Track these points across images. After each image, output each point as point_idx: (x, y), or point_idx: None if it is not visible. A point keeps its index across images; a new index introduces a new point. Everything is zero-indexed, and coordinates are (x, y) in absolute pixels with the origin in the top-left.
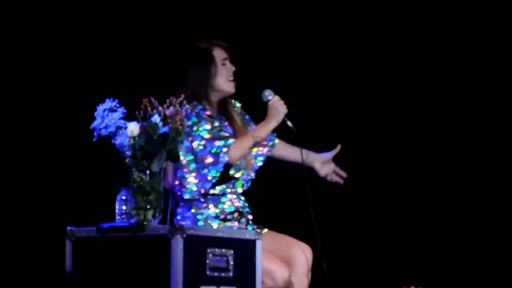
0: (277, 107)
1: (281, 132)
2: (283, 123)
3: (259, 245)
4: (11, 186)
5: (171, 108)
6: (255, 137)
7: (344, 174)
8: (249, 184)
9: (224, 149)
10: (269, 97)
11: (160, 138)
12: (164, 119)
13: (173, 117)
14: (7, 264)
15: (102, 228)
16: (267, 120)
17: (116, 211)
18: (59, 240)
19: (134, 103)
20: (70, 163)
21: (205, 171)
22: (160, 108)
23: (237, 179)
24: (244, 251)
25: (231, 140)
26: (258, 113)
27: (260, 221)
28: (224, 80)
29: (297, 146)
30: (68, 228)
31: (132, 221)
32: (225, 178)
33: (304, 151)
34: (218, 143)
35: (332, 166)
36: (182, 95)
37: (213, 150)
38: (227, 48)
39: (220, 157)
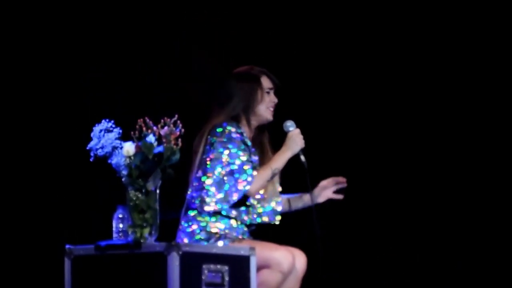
0: (296, 140)
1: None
2: (296, 156)
3: (253, 261)
4: (11, 206)
5: (165, 128)
6: (273, 169)
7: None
8: (257, 220)
9: (248, 180)
10: (290, 128)
11: (155, 158)
12: (159, 139)
13: (167, 136)
14: (8, 283)
15: (100, 246)
16: (283, 150)
17: (113, 229)
18: (58, 258)
19: (130, 123)
20: (68, 183)
21: (227, 195)
22: (154, 128)
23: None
24: (239, 267)
25: (254, 172)
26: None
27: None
28: (264, 107)
29: (306, 189)
30: (67, 246)
31: (129, 239)
32: (240, 204)
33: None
34: (244, 173)
35: (328, 191)
36: (176, 116)
37: (239, 179)
38: (274, 79)
39: (243, 188)
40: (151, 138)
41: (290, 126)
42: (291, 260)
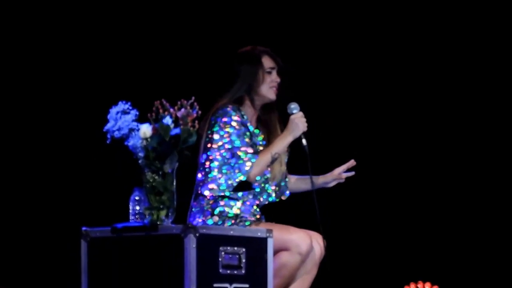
0: (298, 123)
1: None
2: (298, 140)
3: (270, 243)
4: (28, 189)
5: (182, 110)
6: (273, 154)
7: (350, 168)
8: (269, 199)
9: (248, 164)
10: (294, 111)
11: (172, 140)
12: (176, 121)
13: (184, 118)
14: (25, 264)
15: (116, 228)
16: (284, 134)
17: (130, 211)
18: (74, 240)
19: (146, 105)
20: (84, 165)
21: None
22: (171, 110)
23: (255, 190)
24: (256, 249)
25: (254, 157)
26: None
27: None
28: (266, 87)
29: (307, 173)
30: (83, 228)
31: (145, 221)
32: (247, 186)
33: (314, 177)
34: (243, 157)
35: (336, 176)
36: (193, 98)
37: (236, 163)
38: (276, 59)
39: (241, 172)
40: (168, 120)
41: (294, 108)
42: (309, 242)
